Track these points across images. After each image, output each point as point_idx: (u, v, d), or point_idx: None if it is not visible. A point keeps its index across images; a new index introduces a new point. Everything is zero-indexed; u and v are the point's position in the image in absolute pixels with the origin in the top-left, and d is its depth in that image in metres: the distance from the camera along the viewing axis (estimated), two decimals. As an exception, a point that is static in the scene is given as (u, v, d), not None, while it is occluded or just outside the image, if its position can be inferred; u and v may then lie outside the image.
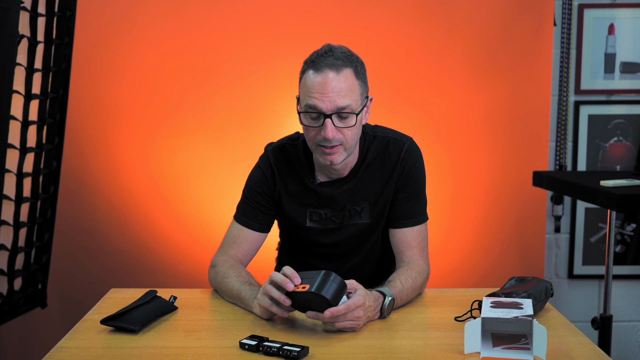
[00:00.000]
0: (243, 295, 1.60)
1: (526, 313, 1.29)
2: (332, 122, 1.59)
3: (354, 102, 1.61)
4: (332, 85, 1.58)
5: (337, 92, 1.59)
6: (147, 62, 2.72)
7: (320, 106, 1.59)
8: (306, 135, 1.67)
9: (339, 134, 1.61)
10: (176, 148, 2.75)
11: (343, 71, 1.60)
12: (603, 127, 2.93)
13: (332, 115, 1.59)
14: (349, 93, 1.60)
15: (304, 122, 1.64)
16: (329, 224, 1.78)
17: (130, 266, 2.78)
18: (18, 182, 2.23)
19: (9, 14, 1.92)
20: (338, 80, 1.59)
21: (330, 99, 1.58)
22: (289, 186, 1.78)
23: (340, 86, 1.59)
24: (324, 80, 1.59)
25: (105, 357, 1.35)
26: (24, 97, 2.21)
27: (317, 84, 1.59)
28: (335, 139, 1.61)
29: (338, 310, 1.40)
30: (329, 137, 1.60)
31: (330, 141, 1.61)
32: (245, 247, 1.77)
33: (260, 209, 1.79)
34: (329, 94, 1.58)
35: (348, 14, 2.71)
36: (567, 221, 2.98)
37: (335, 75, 1.59)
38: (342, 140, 1.63)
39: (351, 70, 1.61)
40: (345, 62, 1.61)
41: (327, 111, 1.59)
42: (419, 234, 1.77)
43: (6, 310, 2.28)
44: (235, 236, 1.78)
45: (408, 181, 1.76)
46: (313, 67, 1.61)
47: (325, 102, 1.59)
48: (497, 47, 2.76)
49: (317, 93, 1.59)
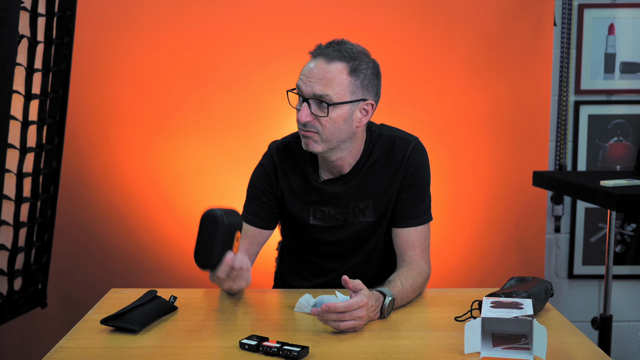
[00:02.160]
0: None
1: (526, 313, 1.29)
2: (307, 107, 1.64)
3: (334, 94, 1.63)
4: (318, 72, 1.64)
5: (319, 80, 1.63)
6: (147, 62, 2.72)
7: (303, 88, 1.65)
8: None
9: (315, 121, 1.65)
10: (176, 148, 2.75)
11: (334, 63, 1.64)
12: (603, 127, 2.93)
13: (310, 100, 1.64)
14: (332, 84, 1.63)
15: (291, 102, 1.71)
16: (332, 221, 1.78)
17: (130, 266, 2.78)
18: (18, 182, 2.23)
19: (9, 14, 1.92)
20: (325, 69, 1.63)
21: (311, 84, 1.64)
22: (292, 183, 1.78)
23: (325, 75, 1.63)
24: (314, 65, 1.65)
25: (105, 357, 1.35)
26: (24, 97, 2.21)
27: (307, 68, 1.67)
28: (310, 124, 1.65)
29: (336, 306, 1.41)
30: (302, 120, 1.65)
31: (304, 125, 1.66)
32: (246, 242, 1.78)
33: (264, 207, 1.79)
34: (311, 79, 1.64)
35: (348, 13, 2.71)
36: (567, 221, 2.98)
37: (324, 64, 1.64)
38: (318, 128, 1.65)
39: (346, 65, 1.64)
40: (345, 57, 1.64)
41: (305, 94, 1.65)
42: (422, 234, 1.77)
43: (6, 310, 2.28)
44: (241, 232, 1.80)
45: (412, 181, 1.76)
46: (313, 52, 1.68)
47: (307, 86, 1.64)
48: (497, 47, 2.76)
49: (304, 76, 1.66)
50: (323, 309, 1.41)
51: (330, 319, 1.43)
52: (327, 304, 1.41)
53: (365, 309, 1.45)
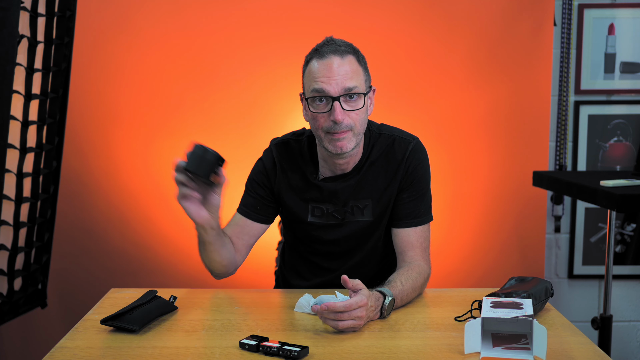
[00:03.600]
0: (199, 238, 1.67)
1: (526, 313, 1.29)
2: (340, 105, 1.61)
3: (360, 84, 1.63)
4: (338, 67, 1.61)
5: (343, 74, 1.61)
6: (147, 62, 2.72)
7: (328, 89, 1.61)
8: (313, 125, 1.67)
9: (348, 117, 1.62)
10: (176, 148, 2.75)
11: (347, 56, 1.63)
12: (603, 127, 2.93)
13: (340, 97, 1.61)
14: (355, 75, 1.63)
15: (311, 110, 1.65)
16: (330, 219, 1.78)
17: (130, 266, 2.78)
18: (18, 182, 2.23)
19: (9, 14, 1.92)
20: (343, 63, 1.62)
21: (337, 81, 1.61)
22: (291, 180, 1.79)
23: (346, 69, 1.62)
24: (329, 64, 1.62)
25: (105, 357, 1.35)
26: (24, 97, 2.22)
27: (322, 69, 1.62)
28: (344, 123, 1.62)
29: (335, 306, 1.41)
30: (339, 120, 1.60)
31: (339, 125, 1.62)
32: (236, 229, 1.80)
33: (261, 200, 1.81)
34: (335, 77, 1.61)
35: (348, 13, 2.71)
36: (567, 221, 2.98)
37: (339, 60, 1.62)
38: (351, 124, 1.63)
39: (354, 57, 1.65)
40: (348, 49, 1.65)
41: (334, 94, 1.61)
42: (422, 234, 1.77)
43: (6, 310, 2.28)
44: (233, 221, 1.83)
45: (412, 181, 1.76)
46: (316, 55, 1.64)
47: (332, 85, 1.61)
48: (497, 47, 2.76)
49: (324, 77, 1.61)
50: (322, 308, 1.41)
51: (329, 318, 1.43)
52: (326, 303, 1.41)
53: (365, 309, 1.45)
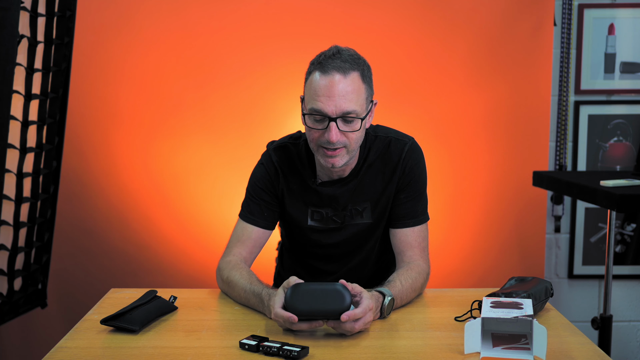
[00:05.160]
0: (252, 303, 1.60)
1: (526, 313, 1.29)
2: (336, 126, 1.59)
3: (359, 106, 1.60)
4: (339, 88, 1.57)
5: (343, 96, 1.57)
6: (147, 62, 2.72)
7: (326, 110, 1.58)
8: (309, 137, 1.66)
9: (343, 137, 1.61)
10: (176, 148, 2.75)
11: (350, 74, 1.59)
12: (603, 127, 2.93)
13: (337, 119, 1.59)
14: (355, 97, 1.59)
15: (307, 124, 1.63)
16: (330, 223, 1.78)
17: (130, 266, 2.78)
18: (18, 182, 2.23)
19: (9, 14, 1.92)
20: (345, 83, 1.58)
21: (335, 103, 1.58)
22: (291, 184, 1.78)
23: (347, 89, 1.58)
24: (330, 82, 1.57)
25: (105, 357, 1.35)
26: (24, 97, 2.22)
27: (323, 87, 1.58)
28: (339, 142, 1.61)
29: (355, 313, 1.40)
30: (333, 141, 1.59)
31: (333, 144, 1.61)
32: (249, 244, 1.77)
33: (266, 206, 1.78)
34: (334, 98, 1.57)
35: (348, 13, 2.71)
36: (567, 221, 2.98)
37: (342, 78, 1.58)
38: (346, 143, 1.62)
39: (358, 73, 1.60)
40: (353, 65, 1.60)
41: (332, 115, 1.58)
42: (420, 234, 1.77)
43: (6, 310, 2.28)
44: (239, 235, 1.78)
45: (409, 181, 1.76)
46: (320, 68, 1.60)
47: (331, 106, 1.58)
48: (497, 47, 2.76)
49: (324, 96, 1.58)
50: (344, 319, 1.39)
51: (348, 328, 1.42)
52: (346, 313, 1.40)
53: (372, 312, 1.46)
